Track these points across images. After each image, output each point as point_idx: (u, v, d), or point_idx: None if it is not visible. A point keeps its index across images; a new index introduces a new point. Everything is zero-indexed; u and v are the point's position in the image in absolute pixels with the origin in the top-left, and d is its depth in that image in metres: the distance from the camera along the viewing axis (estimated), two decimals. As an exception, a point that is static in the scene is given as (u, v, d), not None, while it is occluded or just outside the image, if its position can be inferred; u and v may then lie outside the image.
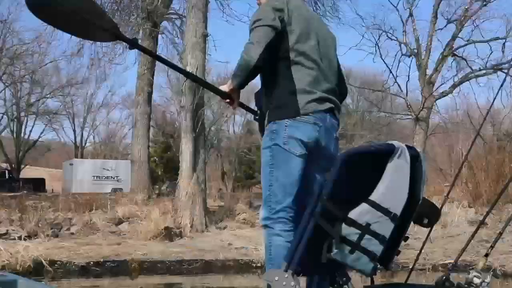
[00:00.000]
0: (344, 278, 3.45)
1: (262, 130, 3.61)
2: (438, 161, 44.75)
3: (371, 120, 49.65)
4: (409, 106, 28.08)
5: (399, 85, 30.22)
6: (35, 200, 17.40)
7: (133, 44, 3.76)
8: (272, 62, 3.41)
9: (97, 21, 3.55)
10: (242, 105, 3.75)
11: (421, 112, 26.90)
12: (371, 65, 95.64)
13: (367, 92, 41.84)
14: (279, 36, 3.38)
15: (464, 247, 3.14)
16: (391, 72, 28.07)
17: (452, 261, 10.27)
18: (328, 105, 3.45)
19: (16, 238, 12.31)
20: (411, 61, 28.20)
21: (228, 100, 3.58)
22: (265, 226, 3.38)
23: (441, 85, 28.39)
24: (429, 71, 27.67)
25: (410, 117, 29.49)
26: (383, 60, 38.30)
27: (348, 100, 51.84)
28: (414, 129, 28.24)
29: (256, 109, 3.73)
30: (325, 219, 3.01)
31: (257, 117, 3.69)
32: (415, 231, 13.99)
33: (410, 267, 11.76)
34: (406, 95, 28.45)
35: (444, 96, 28.23)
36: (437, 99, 28.24)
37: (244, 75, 3.36)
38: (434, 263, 11.44)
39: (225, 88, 3.55)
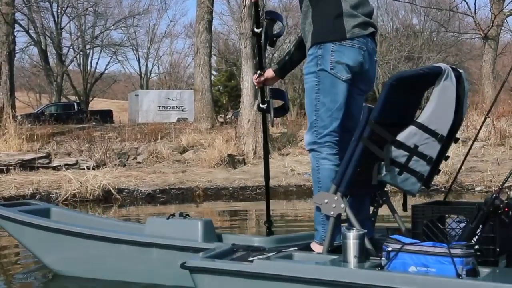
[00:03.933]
0: (384, 198, 3.51)
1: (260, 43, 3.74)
2: (510, 82, 43.29)
3: (438, 41, 48.04)
4: (478, 25, 27.00)
5: (467, 3, 29.19)
6: (102, 131, 17.88)
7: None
8: None
9: None
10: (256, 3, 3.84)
11: (491, 30, 25.83)
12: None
13: (434, 12, 40.31)
14: None
15: (515, 167, 3.10)
16: (458, -11, 26.91)
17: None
18: (370, 29, 3.41)
19: (85, 167, 12.76)
20: (480, -24, 26.92)
21: None
22: (312, 150, 3.40)
23: (512, 0, 27.11)
24: (499, -14, 26.39)
25: (478, 36, 28.40)
26: (450, -23, 36.73)
27: (414, 21, 50.30)
28: (483, 49, 27.23)
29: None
30: (373, 142, 3.03)
31: (258, 30, 3.74)
32: (482, 153, 13.81)
33: (476, 189, 11.62)
34: (475, 13, 27.31)
35: (516, 12, 27.01)
36: (507, 16, 26.97)
37: None
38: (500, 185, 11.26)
39: None
